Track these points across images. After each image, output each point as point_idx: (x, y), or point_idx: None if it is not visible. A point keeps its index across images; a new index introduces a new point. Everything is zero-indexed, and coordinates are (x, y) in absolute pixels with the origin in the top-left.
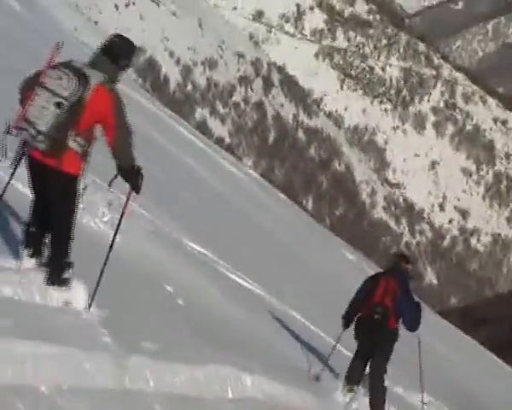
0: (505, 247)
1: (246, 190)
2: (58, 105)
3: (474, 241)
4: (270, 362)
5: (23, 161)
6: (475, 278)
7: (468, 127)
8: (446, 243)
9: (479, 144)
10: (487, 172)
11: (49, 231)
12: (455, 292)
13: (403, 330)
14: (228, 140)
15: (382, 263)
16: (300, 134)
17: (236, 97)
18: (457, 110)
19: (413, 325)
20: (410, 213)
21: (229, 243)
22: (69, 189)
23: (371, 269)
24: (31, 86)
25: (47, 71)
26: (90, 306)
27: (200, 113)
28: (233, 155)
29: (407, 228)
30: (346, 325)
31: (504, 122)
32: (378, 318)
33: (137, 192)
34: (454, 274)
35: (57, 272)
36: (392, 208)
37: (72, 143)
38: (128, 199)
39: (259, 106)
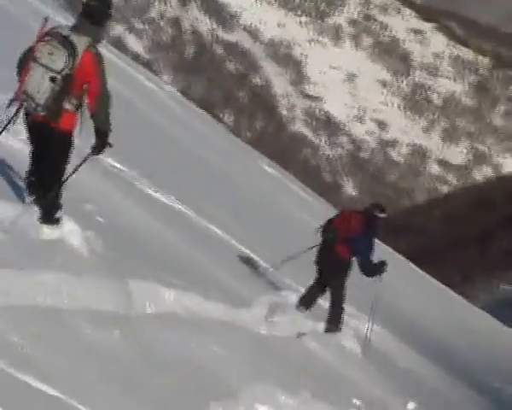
0: (423, 157)
1: (164, 105)
2: (52, 79)
3: (392, 152)
4: (189, 277)
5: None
6: (394, 188)
7: (385, 38)
8: (365, 154)
9: (395, 55)
10: (404, 84)
11: (43, 178)
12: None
13: None
14: (145, 56)
15: (301, 175)
16: (218, 49)
17: (152, 13)
18: (374, 22)
19: (365, 269)
20: (329, 125)
21: (146, 158)
22: (65, 144)
23: (290, 182)
24: (27, 61)
25: (38, 45)
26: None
27: (117, 29)
28: (150, 71)
29: (326, 141)
30: None
31: (420, 32)
32: (326, 239)
33: (96, 154)
34: (373, 185)
35: (49, 213)
36: (311, 121)
37: (67, 106)
38: (86, 158)
39: (176, 21)
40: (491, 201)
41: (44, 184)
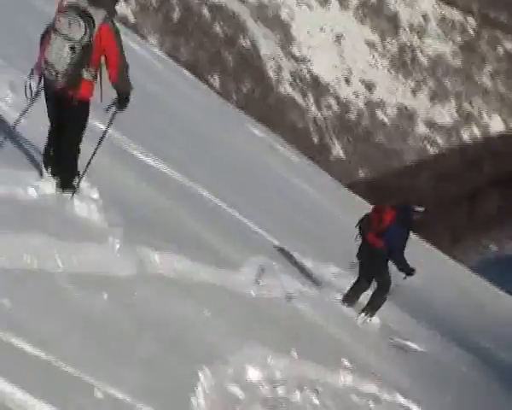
0: (411, 118)
1: (151, 68)
2: (72, 49)
3: (380, 113)
4: (178, 240)
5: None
6: (382, 150)
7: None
8: (353, 116)
9: (383, 17)
10: (392, 44)
11: (62, 146)
12: (362, 165)
13: None
14: (132, 19)
15: (289, 137)
16: (205, 11)
17: None
18: None
19: (397, 262)
20: (316, 87)
21: (135, 122)
22: (83, 112)
23: (278, 144)
24: (48, 32)
25: (58, 17)
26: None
27: None
28: (137, 33)
29: (313, 102)
30: None
31: None
32: (364, 233)
33: (121, 109)
34: (361, 147)
35: (67, 180)
36: (299, 83)
37: (85, 75)
38: (112, 119)
39: None
40: (479, 161)
41: (63, 152)
